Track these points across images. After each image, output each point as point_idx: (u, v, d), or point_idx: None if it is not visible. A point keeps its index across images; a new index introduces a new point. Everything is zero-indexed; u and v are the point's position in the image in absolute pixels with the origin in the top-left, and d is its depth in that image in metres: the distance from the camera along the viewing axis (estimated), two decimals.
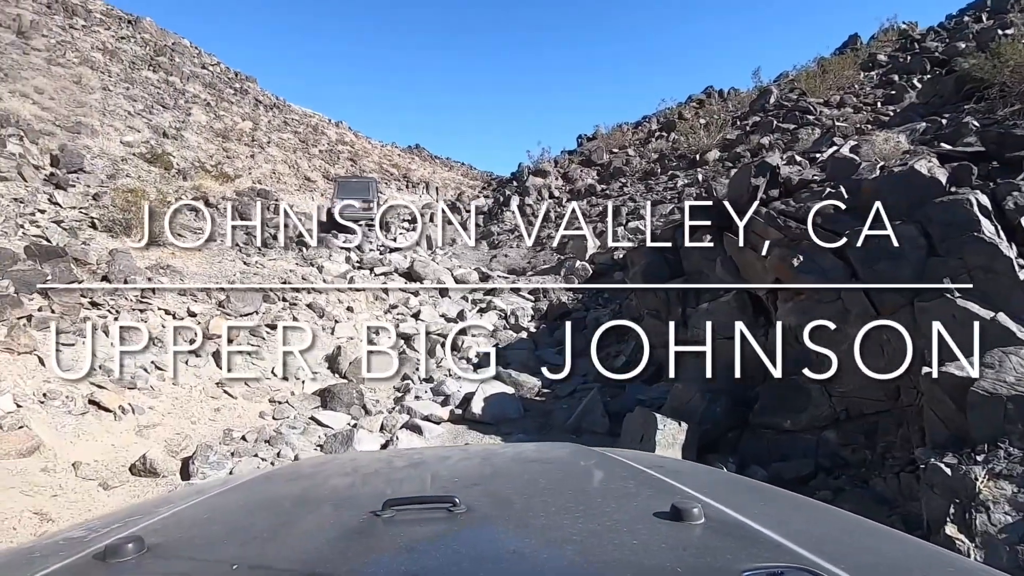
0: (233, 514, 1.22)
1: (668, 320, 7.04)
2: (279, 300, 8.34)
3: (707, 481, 1.45)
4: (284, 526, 1.08)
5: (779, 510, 1.16)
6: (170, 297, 7.21)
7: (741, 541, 0.90)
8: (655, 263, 7.30)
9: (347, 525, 1.01)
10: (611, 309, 10.43)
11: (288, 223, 12.63)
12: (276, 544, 0.96)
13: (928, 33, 18.41)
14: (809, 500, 1.31)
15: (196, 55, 30.44)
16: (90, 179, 10.83)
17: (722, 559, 0.82)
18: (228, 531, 1.08)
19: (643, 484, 1.28)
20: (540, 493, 1.26)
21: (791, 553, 0.81)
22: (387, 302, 10.60)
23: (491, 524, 1.00)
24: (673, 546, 0.85)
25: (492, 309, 10.44)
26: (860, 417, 4.48)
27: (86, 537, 1.03)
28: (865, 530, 1.07)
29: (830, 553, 0.81)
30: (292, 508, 1.24)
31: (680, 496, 1.08)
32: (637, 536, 0.90)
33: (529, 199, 17.37)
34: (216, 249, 9.90)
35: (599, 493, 1.31)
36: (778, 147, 13.51)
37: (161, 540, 0.96)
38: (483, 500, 1.11)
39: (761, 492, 1.41)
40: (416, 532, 0.94)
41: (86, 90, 19.84)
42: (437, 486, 1.43)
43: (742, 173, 6.90)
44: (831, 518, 1.17)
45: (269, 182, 19.39)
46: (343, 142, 30.04)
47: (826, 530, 1.06)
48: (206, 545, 1.01)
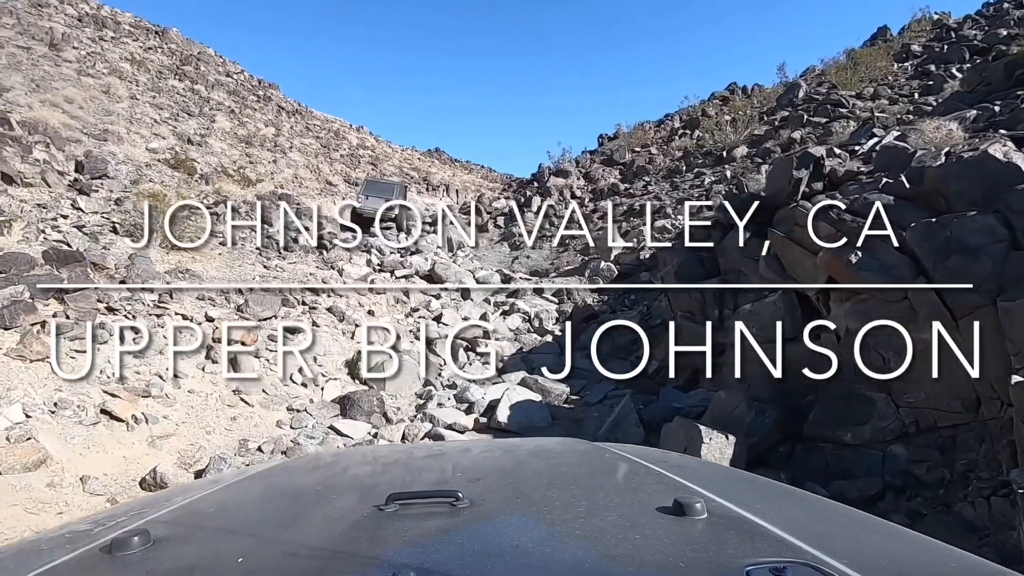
0: (238, 508, 1.21)
1: (704, 322, 6.58)
2: (298, 304, 8.08)
3: (710, 476, 1.42)
4: (289, 520, 1.08)
5: (782, 505, 1.14)
6: (188, 301, 6.98)
7: (744, 536, 0.88)
8: (689, 262, 6.84)
9: (351, 519, 1.01)
10: (638, 311, 9.96)
11: (309, 226, 12.45)
12: (280, 538, 0.95)
13: (965, 22, 17.60)
14: (812, 495, 1.28)
15: (220, 64, 30.74)
16: (113, 184, 10.75)
17: (725, 554, 0.81)
18: (233, 525, 1.08)
19: (646, 479, 1.27)
20: (543, 488, 1.26)
21: (794, 548, 0.80)
22: (408, 305, 10.30)
23: (494, 518, 0.99)
24: (676, 541, 0.84)
25: (515, 312, 10.06)
26: (933, 430, 3.99)
27: (93, 530, 1.03)
28: (869, 525, 1.05)
29: (833, 548, 0.80)
30: (296, 502, 1.24)
31: (683, 491, 1.05)
32: (640, 531, 0.89)
33: (551, 199, 16.97)
34: (236, 253, 9.70)
35: (602, 488, 1.28)
36: (810, 140, 12.90)
37: (167, 533, 0.95)
38: (486, 495, 1.10)
39: (764, 488, 1.38)
40: (420, 526, 0.93)
41: (114, 99, 20.06)
42: (440, 481, 1.43)
43: (782, 166, 6.42)
44: (834, 513, 1.14)
45: (291, 186, 19.33)
46: (364, 146, 30.03)
47: (829, 525, 1.05)
48: (212, 538, 1.00)
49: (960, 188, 4.22)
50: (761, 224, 6.59)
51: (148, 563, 0.83)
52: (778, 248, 5.37)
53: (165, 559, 0.86)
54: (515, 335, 9.34)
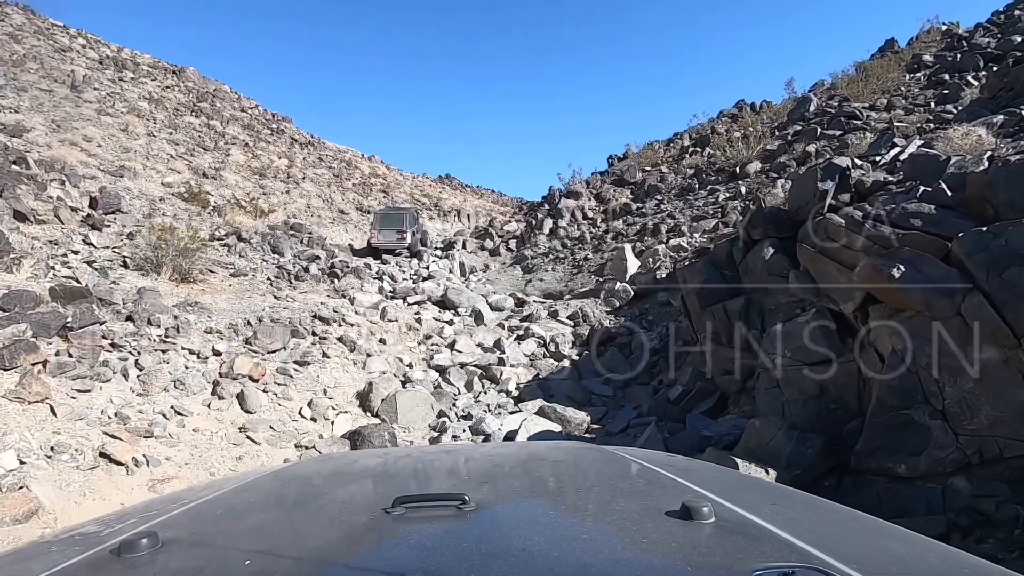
0: (246, 510, 1.19)
1: (732, 344, 6.21)
2: (309, 335, 7.84)
3: (717, 480, 1.38)
4: (297, 522, 1.06)
5: (790, 509, 1.11)
6: (195, 335, 6.76)
7: (752, 540, 0.86)
8: (711, 280, 6.49)
9: (358, 522, 1.00)
10: (658, 332, 9.58)
11: (320, 255, 12.30)
12: (288, 540, 0.94)
13: (976, 30, 17.30)
14: (820, 499, 1.26)
15: (236, 99, 31.34)
16: (126, 219, 10.71)
17: (733, 558, 0.80)
18: (241, 527, 1.07)
19: (653, 483, 1.25)
20: (550, 491, 1.25)
21: (802, 552, 0.79)
22: (420, 332, 10.02)
23: (501, 522, 0.97)
24: (683, 545, 0.83)
25: (530, 336, 9.72)
26: (999, 461, 3.57)
27: (101, 532, 1.03)
28: (877, 529, 1.03)
29: (841, 552, 0.79)
30: (304, 504, 1.23)
31: (690, 495, 1.05)
32: (647, 535, 0.87)
33: (562, 221, 16.73)
34: (247, 283, 9.54)
35: (609, 491, 1.25)
36: (826, 153, 12.57)
37: (175, 535, 0.95)
38: (493, 498, 1.08)
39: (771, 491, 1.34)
40: (426, 529, 0.92)
41: (132, 136, 20.39)
42: (447, 484, 1.40)
43: (806, 178, 6.09)
44: (842, 517, 1.12)
45: (304, 216, 19.36)
46: (375, 175, 30.23)
47: (837, 529, 1.03)
48: (220, 541, 0.99)
49: (1011, 194, 3.87)
50: (784, 239, 6.26)
51: (157, 565, 0.83)
52: (809, 263, 5.02)
53: (173, 561, 0.85)
54: (531, 361, 8.99)
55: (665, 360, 8.46)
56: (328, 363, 7.33)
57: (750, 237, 6.39)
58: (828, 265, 4.72)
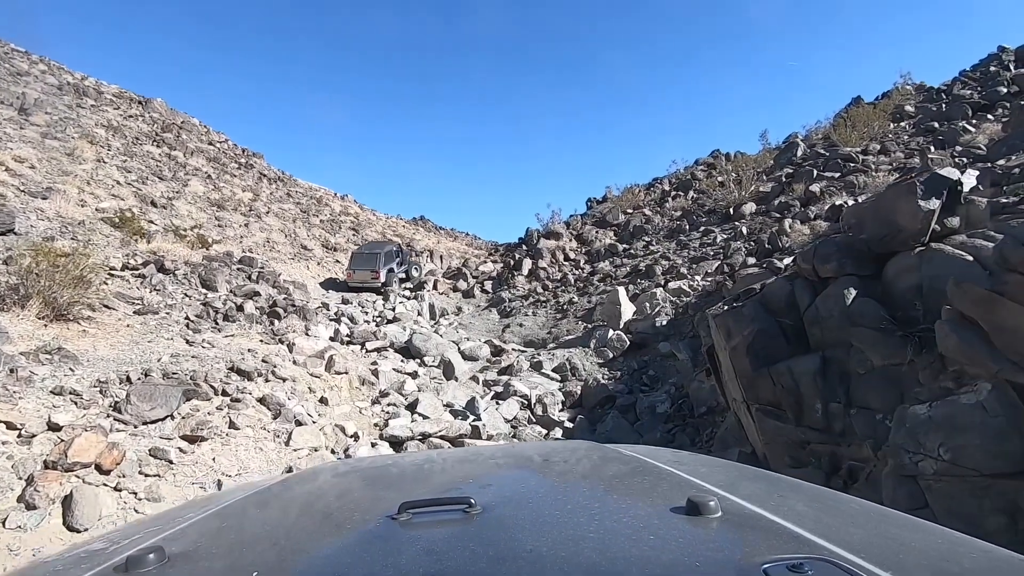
0: (252, 522, 1.15)
1: (801, 420, 4.25)
2: (216, 395, 5.56)
3: (723, 475, 1.28)
4: (302, 532, 1.02)
5: (796, 501, 1.04)
6: (31, 398, 4.45)
7: (760, 534, 0.82)
8: (768, 331, 4.58)
9: (365, 529, 0.95)
10: (666, 392, 7.59)
11: (265, 291, 10.05)
12: (295, 551, 0.89)
13: (954, 84, 16.82)
14: (826, 490, 1.18)
15: (204, 133, 29.22)
16: (16, 241, 8.33)
17: (741, 552, 0.76)
18: (247, 539, 1.03)
19: (659, 480, 1.20)
20: (555, 491, 1.21)
21: (811, 544, 0.75)
22: (376, 387, 7.79)
23: (507, 524, 0.90)
24: (691, 541, 0.79)
25: (511, 395, 7.60)
26: None
27: (107, 548, 0.99)
28: (885, 519, 0.98)
29: (850, 542, 0.75)
30: (310, 514, 1.20)
31: (696, 491, 0.98)
32: (654, 532, 0.84)
33: (542, 262, 14.89)
34: (154, 324, 7.22)
35: (615, 490, 1.19)
36: (829, 193, 11.17)
37: (182, 549, 0.90)
38: (499, 500, 1.03)
39: (777, 484, 1.23)
40: (433, 534, 0.87)
41: (77, 161, 17.96)
42: (452, 488, 1.30)
43: (895, 195, 4.33)
44: (849, 507, 1.05)
45: (262, 250, 17.05)
46: (347, 213, 28.21)
47: (844, 519, 0.95)
48: (226, 553, 0.93)
49: None
50: (865, 277, 4.44)
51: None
52: (977, 309, 3.11)
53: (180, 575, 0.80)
54: (513, 428, 6.85)
55: (683, 431, 6.44)
56: (235, 437, 5.06)
57: (818, 275, 4.56)
58: (1014, 312, 2.84)
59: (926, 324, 3.84)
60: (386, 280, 15.41)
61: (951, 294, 3.18)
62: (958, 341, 3.05)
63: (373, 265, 15.39)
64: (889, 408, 3.87)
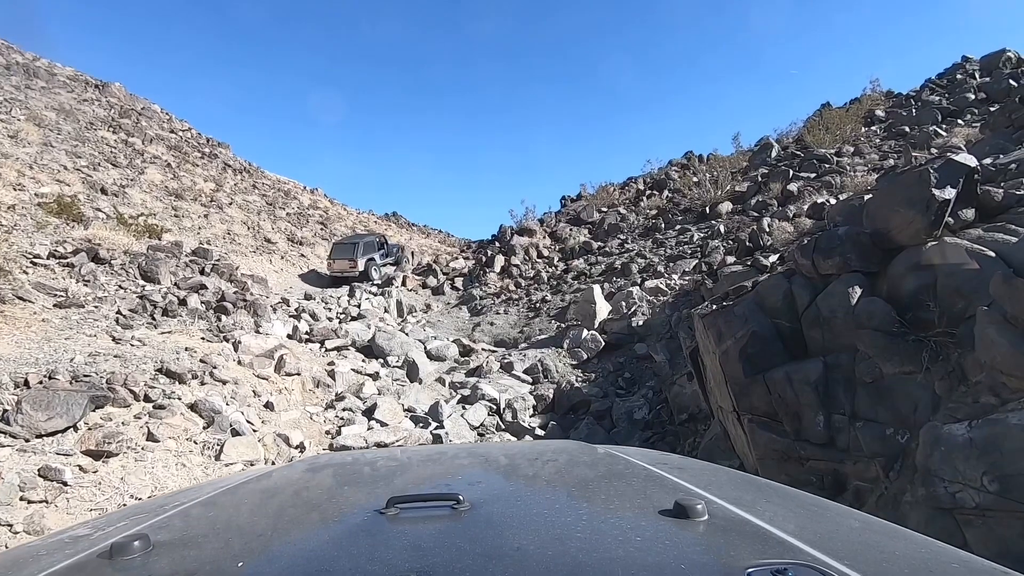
0: (239, 512, 1.12)
1: (800, 435, 3.74)
2: (136, 401, 4.76)
3: (711, 478, 1.25)
4: (290, 524, 1.01)
5: (784, 507, 1.02)
6: None
7: (746, 538, 0.80)
8: (763, 333, 4.05)
9: (352, 522, 0.93)
10: (643, 395, 7.06)
11: (213, 285, 9.15)
12: (282, 542, 0.88)
13: (923, 91, 16.93)
14: (814, 497, 1.15)
15: (166, 120, 27.64)
16: None
17: (726, 556, 0.75)
18: (234, 528, 1.00)
19: (647, 481, 1.18)
20: (544, 490, 1.21)
21: (796, 550, 0.75)
22: (332, 390, 7.05)
23: (495, 521, 0.88)
24: (677, 543, 0.78)
25: (479, 399, 6.95)
26: None
27: (92, 535, 0.97)
28: (871, 527, 0.96)
29: (835, 550, 0.75)
30: (297, 506, 1.17)
31: (684, 493, 1.00)
32: (641, 533, 0.82)
33: (516, 259, 14.27)
34: (77, 318, 6.31)
35: (603, 490, 1.16)
36: (808, 192, 10.87)
37: (167, 537, 0.89)
38: (487, 497, 1.01)
39: (764, 489, 1.21)
40: (421, 529, 0.85)
41: (19, 144, 16.54)
42: (441, 484, 1.30)
43: (904, 183, 3.86)
44: (836, 515, 1.02)
45: (220, 242, 15.97)
46: (316, 207, 27.08)
47: (830, 526, 0.94)
48: (212, 542, 0.90)
49: None
50: (871, 274, 3.96)
51: (148, 568, 0.78)
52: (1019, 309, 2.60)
53: (165, 564, 0.79)
54: (479, 436, 6.21)
55: (663, 439, 5.90)
56: (153, 451, 4.27)
57: (817, 272, 4.05)
58: None
59: (941, 327, 3.36)
60: (365, 269, 15.31)
61: (996, 292, 2.67)
62: (1009, 348, 2.54)
63: (351, 254, 15.34)
64: (901, 422, 3.37)
